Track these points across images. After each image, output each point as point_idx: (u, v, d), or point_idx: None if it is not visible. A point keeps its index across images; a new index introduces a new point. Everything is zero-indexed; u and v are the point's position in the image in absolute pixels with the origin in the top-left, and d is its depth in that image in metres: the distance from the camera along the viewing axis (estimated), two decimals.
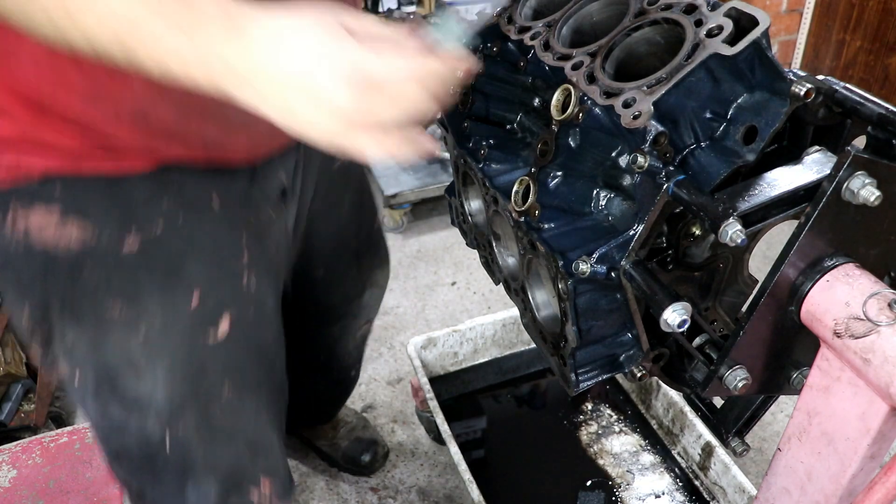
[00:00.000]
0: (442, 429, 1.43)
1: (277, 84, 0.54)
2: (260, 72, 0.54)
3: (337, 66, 0.53)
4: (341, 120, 0.55)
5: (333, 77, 0.53)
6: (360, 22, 0.56)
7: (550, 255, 0.69)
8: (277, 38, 0.53)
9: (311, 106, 0.54)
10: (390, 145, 0.57)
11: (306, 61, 0.53)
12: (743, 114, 0.65)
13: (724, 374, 0.66)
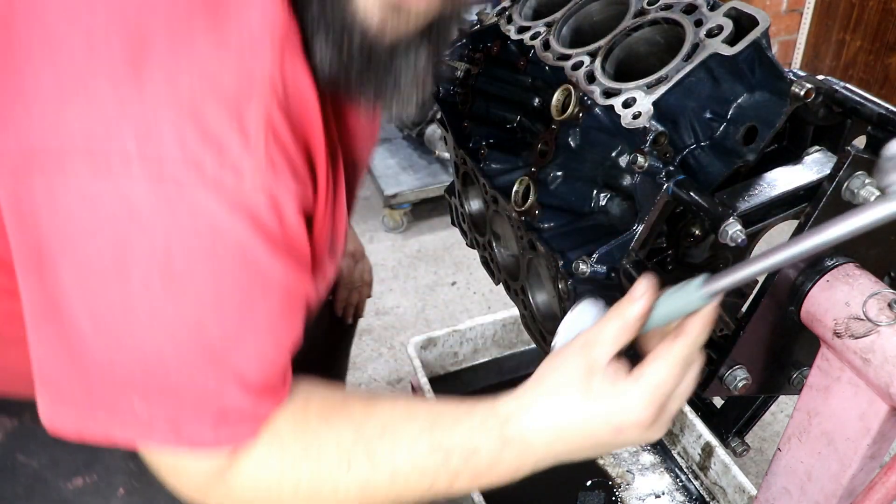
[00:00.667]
0: None
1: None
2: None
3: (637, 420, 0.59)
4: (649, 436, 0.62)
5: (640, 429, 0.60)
6: (604, 343, 0.60)
7: (550, 255, 0.69)
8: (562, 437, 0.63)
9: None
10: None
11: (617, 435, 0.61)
12: (743, 114, 0.65)
13: (724, 374, 0.66)
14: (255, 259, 0.57)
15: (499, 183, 0.81)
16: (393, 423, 0.63)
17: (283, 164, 0.56)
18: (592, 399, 0.59)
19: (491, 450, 0.62)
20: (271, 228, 0.56)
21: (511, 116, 0.88)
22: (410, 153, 2.64)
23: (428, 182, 2.48)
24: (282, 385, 0.63)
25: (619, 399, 0.59)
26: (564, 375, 0.61)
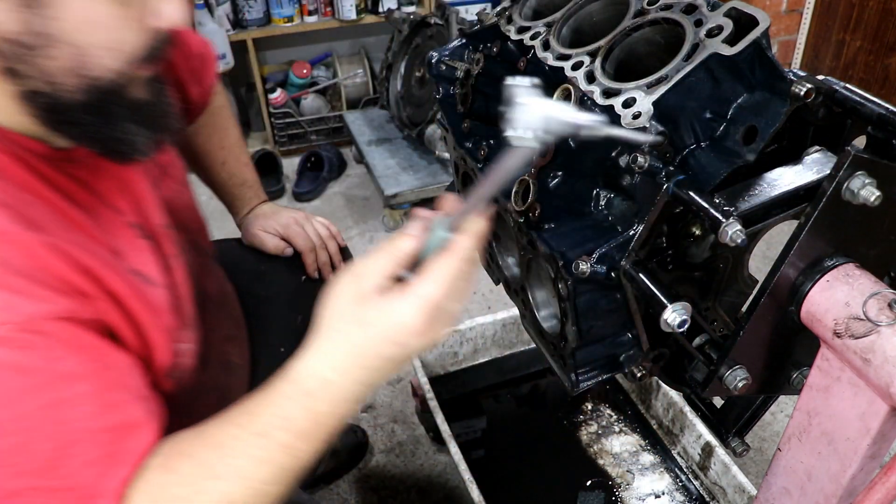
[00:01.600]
0: (442, 429, 1.43)
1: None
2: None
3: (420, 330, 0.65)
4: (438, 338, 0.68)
5: (427, 337, 0.65)
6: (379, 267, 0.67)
7: (550, 254, 0.69)
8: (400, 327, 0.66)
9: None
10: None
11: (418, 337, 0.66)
12: (743, 114, 0.65)
13: (724, 374, 0.66)
14: (39, 382, 0.62)
15: None
16: (219, 438, 0.68)
17: (38, 290, 0.62)
18: (367, 324, 0.64)
19: (302, 409, 0.66)
20: (45, 346, 0.61)
21: None
22: (410, 153, 2.64)
23: (428, 182, 2.48)
24: (122, 476, 0.66)
25: (391, 316, 0.64)
26: (338, 312, 0.67)
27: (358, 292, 0.65)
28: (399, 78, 2.74)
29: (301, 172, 2.92)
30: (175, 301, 0.79)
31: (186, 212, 0.96)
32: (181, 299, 0.82)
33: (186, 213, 0.95)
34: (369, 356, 0.66)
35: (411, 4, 3.01)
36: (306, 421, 0.67)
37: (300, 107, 3.08)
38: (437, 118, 0.93)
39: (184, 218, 0.93)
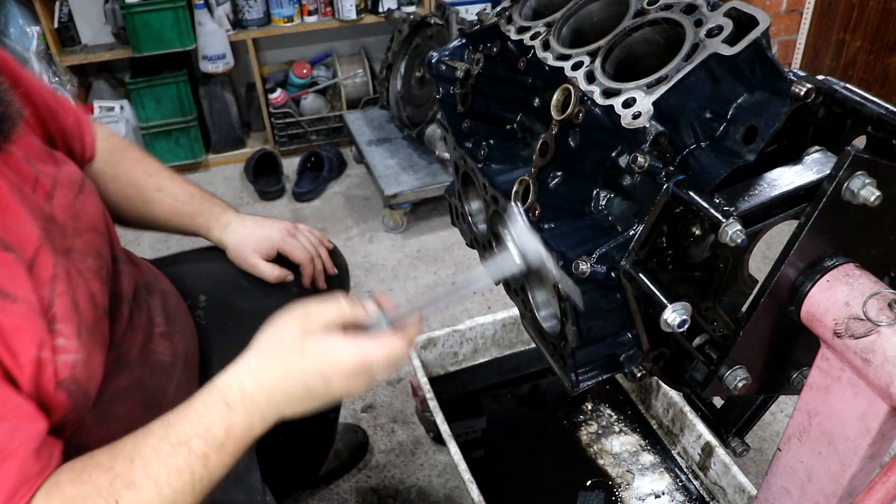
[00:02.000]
0: (442, 429, 1.43)
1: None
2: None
3: (354, 381, 0.71)
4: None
5: (358, 385, 0.71)
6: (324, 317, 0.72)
7: (550, 255, 0.69)
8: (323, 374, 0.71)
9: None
10: None
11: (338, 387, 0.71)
12: (743, 114, 0.65)
13: (724, 374, 0.66)
14: None
15: (499, 183, 0.81)
16: (136, 448, 0.70)
17: None
18: (303, 354, 0.69)
19: (220, 419, 0.70)
20: None
21: (511, 116, 0.88)
22: (410, 153, 2.64)
23: (428, 182, 2.48)
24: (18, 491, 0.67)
25: (328, 350, 0.69)
26: (278, 338, 0.72)
27: (304, 327, 0.71)
28: (399, 78, 2.74)
29: (301, 172, 2.92)
30: (46, 313, 0.77)
31: (85, 219, 0.93)
32: (63, 310, 0.79)
33: (85, 221, 0.93)
34: (295, 382, 0.70)
35: (411, 4, 3.01)
36: (221, 431, 0.70)
37: (300, 107, 3.08)
38: (437, 118, 0.93)
39: (81, 225, 0.91)
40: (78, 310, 0.82)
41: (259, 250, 1.15)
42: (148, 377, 0.97)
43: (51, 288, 0.79)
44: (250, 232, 1.16)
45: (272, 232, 1.16)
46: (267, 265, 1.14)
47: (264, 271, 1.15)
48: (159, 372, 1.00)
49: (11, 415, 0.69)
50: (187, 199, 1.17)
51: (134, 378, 0.94)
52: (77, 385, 0.80)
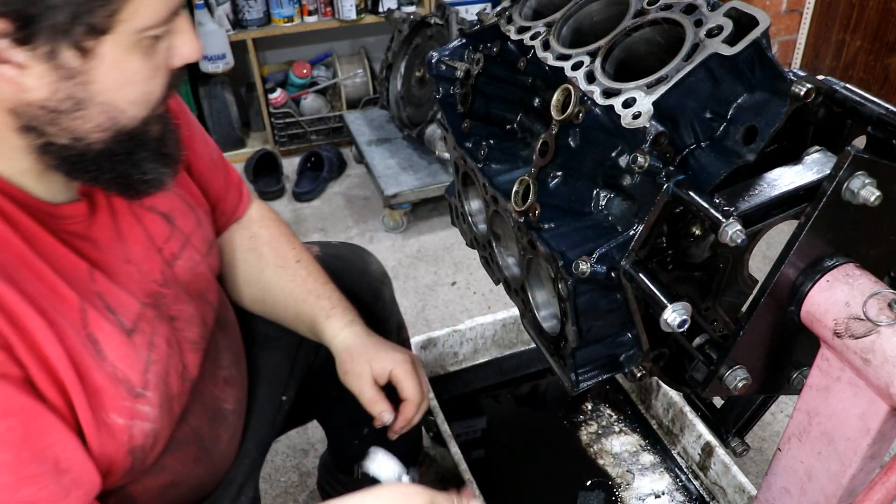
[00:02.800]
0: (442, 429, 1.43)
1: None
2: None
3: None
4: None
5: None
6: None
7: (550, 254, 0.69)
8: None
9: None
10: None
11: None
12: (743, 114, 0.65)
13: (724, 374, 0.66)
14: None
15: (499, 183, 0.81)
16: None
17: None
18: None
19: None
20: None
21: (511, 116, 0.88)
22: (410, 153, 2.64)
23: (428, 182, 2.48)
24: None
25: None
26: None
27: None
28: (399, 78, 2.74)
29: (301, 172, 2.92)
30: (140, 378, 0.77)
31: (200, 284, 0.93)
32: (154, 379, 0.79)
33: (199, 286, 0.92)
34: None
35: (411, 4, 3.01)
36: None
37: (300, 107, 3.08)
38: (437, 118, 0.93)
39: (194, 290, 0.91)
40: (167, 381, 0.82)
41: (373, 362, 0.99)
42: (206, 427, 0.94)
43: (148, 354, 0.78)
44: (372, 342, 1.01)
45: (395, 352, 1.01)
46: (370, 386, 0.99)
47: (366, 391, 0.99)
48: (218, 421, 0.97)
49: (75, 469, 0.69)
50: (322, 280, 1.07)
51: (191, 429, 0.91)
52: (144, 453, 0.80)
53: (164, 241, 0.87)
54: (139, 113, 0.69)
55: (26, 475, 0.64)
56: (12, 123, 0.64)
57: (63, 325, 0.69)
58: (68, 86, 0.63)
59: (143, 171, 0.73)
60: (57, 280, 0.70)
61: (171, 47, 0.69)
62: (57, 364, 0.67)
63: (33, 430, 0.65)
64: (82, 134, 0.66)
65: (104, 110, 0.66)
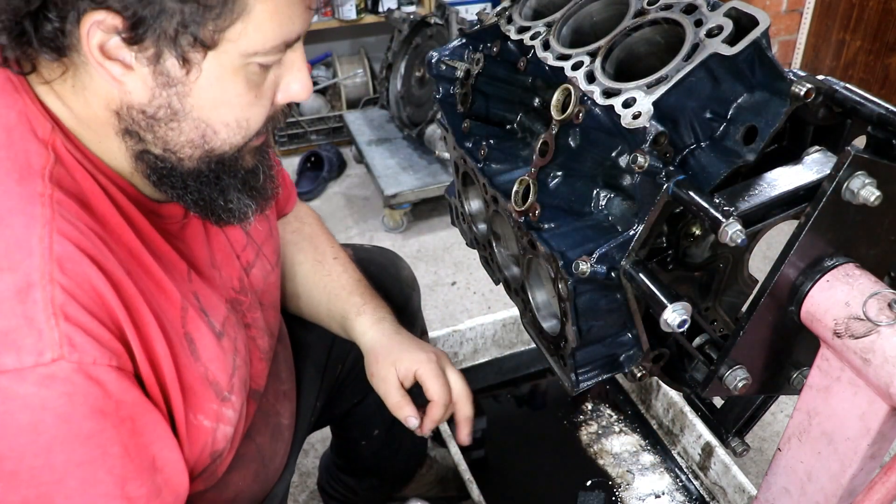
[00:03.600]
0: (442, 429, 1.43)
1: None
2: None
3: None
4: None
5: None
6: None
7: (550, 254, 0.69)
8: None
9: None
10: None
11: None
12: (743, 114, 0.65)
13: (724, 374, 0.66)
14: (80, 428, 0.60)
15: (499, 183, 0.81)
16: None
17: (84, 337, 0.60)
18: None
19: None
20: (88, 394, 0.60)
21: (511, 116, 0.88)
22: (410, 153, 2.64)
23: (428, 182, 2.48)
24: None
25: None
26: None
27: None
28: (399, 78, 2.74)
29: (301, 172, 2.92)
30: (228, 382, 0.77)
31: (272, 295, 0.93)
32: (238, 383, 0.79)
33: (270, 297, 0.93)
34: None
35: (411, 4, 3.01)
36: None
37: (300, 107, 3.08)
38: (437, 118, 0.93)
39: (266, 301, 0.92)
40: (245, 386, 0.82)
41: (397, 364, 0.96)
42: (267, 443, 0.94)
43: (233, 358, 0.79)
44: (398, 340, 0.98)
45: (420, 352, 0.97)
46: (396, 390, 0.96)
47: (391, 395, 0.96)
48: (277, 437, 0.97)
49: (168, 469, 0.69)
50: (357, 277, 1.06)
51: (254, 445, 0.91)
52: (220, 458, 0.80)
53: (242, 249, 0.88)
54: (232, 137, 0.69)
55: (132, 469, 0.64)
56: (116, 125, 0.66)
57: (166, 322, 0.69)
58: (167, 94, 0.64)
59: (227, 199, 0.74)
60: (163, 276, 0.70)
61: (280, 81, 0.69)
62: (162, 361, 0.68)
63: (140, 425, 0.65)
64: (175, 147, 0.67)
65: (197, 126, 0.66)
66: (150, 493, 0.66)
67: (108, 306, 0.62)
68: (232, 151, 0.70)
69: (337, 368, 1.18)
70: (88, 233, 0.63)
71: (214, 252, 0.82)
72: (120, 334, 0.63)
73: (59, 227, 0.60)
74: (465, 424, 0.97)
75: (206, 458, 0.76)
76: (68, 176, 0.65)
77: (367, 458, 1.37)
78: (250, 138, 0.70)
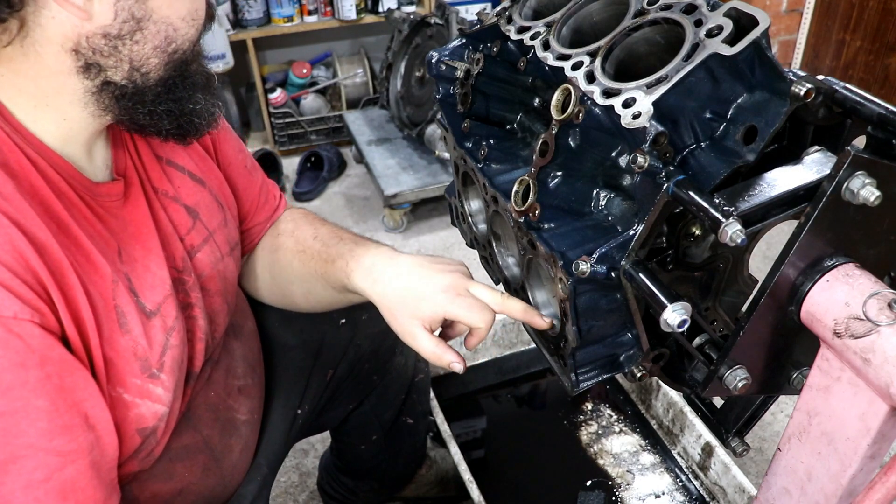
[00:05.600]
0: (442, 429, 1.43)
1: None
2: None
3: None
4: None
5: None
6: None
7: (550, 254, 0.69)
8: None
9: None
10: None
11: None
12: (743, 114, 0.65)
13: (724, 374, 0.66)
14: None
15: (499, 183, 0.81)
16: None
17: (3, 292, 0.61)
18: None
19: None
20: (8, 347, 0.60)
21: (511, 116, 0.88)
22: (410, 153, 2.64)
23: (428, 182, 2.48)
24: None
25: None
26: None
27: None
28: (399, 78, 2.74)
29: (301, 172, 2.92)
30: (158, 360, 0.78)
31: (218, 284, 0.93)
32: (170, 362, 0.79)
33: (217, 285, 0.93)
34: None
35: (411, 4, 3.01)
36: None
37: (300, 107, 3.09)
38: (437, 118, 0.93)
39: (212, 288, 0.92)
40: (180, 367, 0.82)
41: (418, 314, 0.85)
42: (216, 437, 0.94)
43: (166, 338, 0.79)
44: (405, 286, 0.86)
45: (436, 292, 0.84)
46: (430, 342, 0.84)
47: (425, 348, 0.84)
48: (229, 431, 0.96)
49: (100, 427, 0.70)
50: (334, 242, 0.97)
51: (201, 437, 0.91)
52: (153, 437, 0.80)
53: (186, 231, 0.88)
54: (189, 30, 0.72)
55: (60, 424, 0.65)
56: (74, 63, 0.67)
57: (94, 291, 0.70)
58: (128, 4, 0.66)
59: (195, 101, 0.76)
60: (92, 249, 0.71)
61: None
62: (87, 327, 0.68)
63: (69, 383, 0.66)
64: (140, 60, 0.69)
65: (159, 29, 0.69)
66: (81, 448, 0.67)
67: (30, 266, 0.63)
68: (190, 48, 0.73)
69: (326, 374, 1.17)
70: (13, 197, 0.64)
71: (155, 231, 0.82)
72: (44, 294, 0.64)
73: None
74: (532, 315, 0.82)
75: (131, 433, 0.76)
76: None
77: (367, 461, 1.37)
78: (201, 30, 0.74)
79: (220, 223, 0.94)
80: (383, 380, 1.27)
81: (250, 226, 1.06)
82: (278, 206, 1.09)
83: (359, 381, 1.23)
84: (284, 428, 1.10)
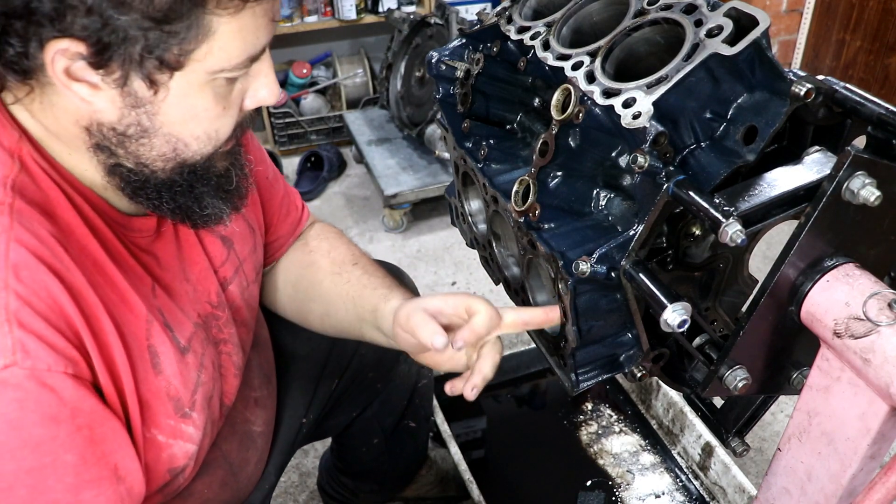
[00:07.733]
0: (442, 429, 1.43)
1: None
2: None
3: None
4: None
5: None
6: None
7: (550, 254, 0.69)
8: None
9: None
10: None
11: None
12: (743, 114, 0.65)
13: (724, 374, 0.66)
14: (30, 435, 0.60)
15: (499, 183, 0.81)
16: None
17: (38, 343, 0.59)
18: None
19: None
20: (41, 401, 0.59)
21: (511, 116, 0.88)
22: (410, 153, 2.64)
23: (428, 182, 2.48)
24: None
25: None
26: None
27: None
28: (399, 78, 2.74)
29: (301, 172, 2.92)
30: (189, 399, 0.77)
31: (245, 312, 0.93)
32: (200, 401, 0.79)
33: (244, 314, 0.93)
34: None
35: (411, 4, 3.01)
36: None
37: (300, 107, 3.09)
38: (437, 118, 0.93)
39: (240, 318, 0.91)
40: (210, 404, 0.82)
41: (422, 304, 0.84)
42: (234, 450, 0.94)
43: (198, 375, 0.79)
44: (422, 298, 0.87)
45: (447, 296, 0.86)
46: (429, 326, 0.80)
47: (424, 335, 0.80)
48: (247, 444, 0.96)
49: (130, 478, 0.69)
50: (381, 275, 0.98)
51: (220, 452, 0.91)
52: (182, 475, 0.80)
53: (221, 263, 0.88)
54: (203, 148, 0.70)
55: (88, 478, 0.64)
56: (87, 140, 0.66)
57: (128, 333, 0.69)
58: (136, 113, 0.64)
59: (202, 206, 0.74)
60: (127, 288, 0.71)
61: (247, 89, 0.70)
62: (121, 371, 0.68)
63: (99, 434, 0.65)
64: (147, 161, 0.68)
65: (167, 141, 0.67)
66: (111, 501, 0.66)
67: (65, 314, 0.62)
68: (203, 160, 0.71)
69: (333, 382, 1.17)
70: (49, 241, 0.63)
71: (189, 266, 0.82)
72: (78, 343, 0.63)
73: (16, 236, 0.60)
74: (548, 313, 0.78)
75: (162, 473, 0.76)
76: (33, 185, 0.65)
77: (368, 463, 1.38)
78: (220, 146, 0.72)
79: (251, 250, 0.93)
80: (387, 387, 1.27)
81: (272, 239, 1.05)
82: (301, 218, 1.09)
83: (362, 389, 1.23)
84: (291, 436, 1.10)
